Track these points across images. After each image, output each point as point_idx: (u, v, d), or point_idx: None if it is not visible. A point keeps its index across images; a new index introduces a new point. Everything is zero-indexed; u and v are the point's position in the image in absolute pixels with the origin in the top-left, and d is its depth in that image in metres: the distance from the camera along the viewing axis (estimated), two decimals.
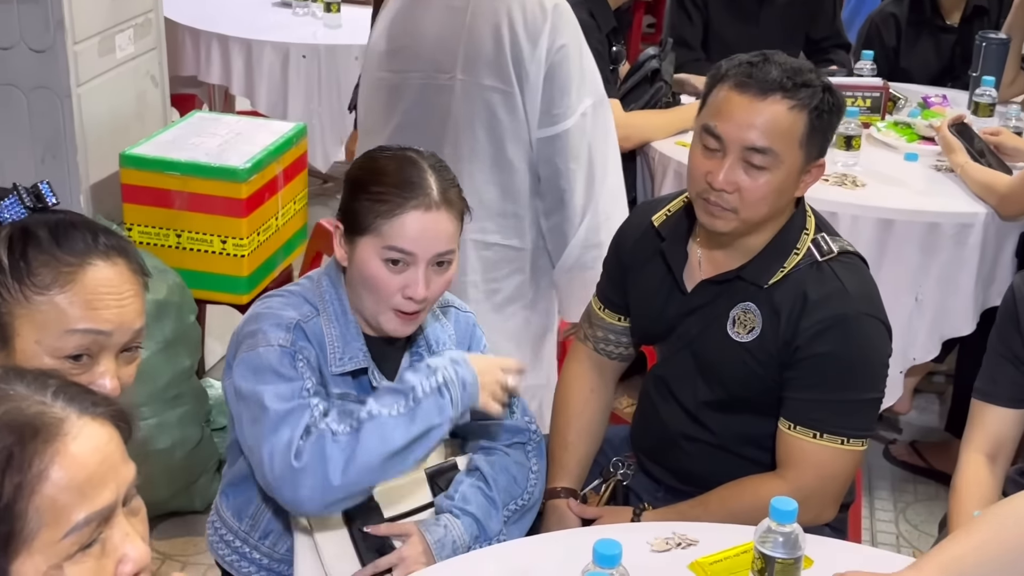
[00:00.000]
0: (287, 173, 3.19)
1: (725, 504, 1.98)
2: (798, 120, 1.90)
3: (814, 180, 1.99)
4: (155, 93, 3.33)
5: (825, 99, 1.92)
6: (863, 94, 3.42)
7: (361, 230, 1.81)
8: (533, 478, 2.01)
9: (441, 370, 1.79)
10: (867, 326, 1.95)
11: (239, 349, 1.83)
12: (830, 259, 1.97)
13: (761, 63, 1.92)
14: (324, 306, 1.88)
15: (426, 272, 1.80)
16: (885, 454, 3.46)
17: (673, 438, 2.10)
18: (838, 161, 3.13)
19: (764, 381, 1.98)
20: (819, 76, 1.95)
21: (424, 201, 1.79)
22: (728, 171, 1.90)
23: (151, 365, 2.84)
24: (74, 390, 1.12)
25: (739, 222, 1.94)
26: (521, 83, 2.46)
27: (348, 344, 1.86)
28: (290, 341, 1.81)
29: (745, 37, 3.43)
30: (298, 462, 1.71)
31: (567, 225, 2.57)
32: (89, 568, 1.08)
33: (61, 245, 1.38)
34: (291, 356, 1.80)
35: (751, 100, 1.89)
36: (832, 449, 1.93)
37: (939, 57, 3.95)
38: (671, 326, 2.09)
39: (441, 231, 1.81)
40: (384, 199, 1.79)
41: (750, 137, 1.89)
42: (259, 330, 1.82)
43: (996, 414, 2.03)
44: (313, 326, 1.85)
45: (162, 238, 3.03)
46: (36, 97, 2.91)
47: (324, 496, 1.72)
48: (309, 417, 1.75)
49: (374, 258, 1.80)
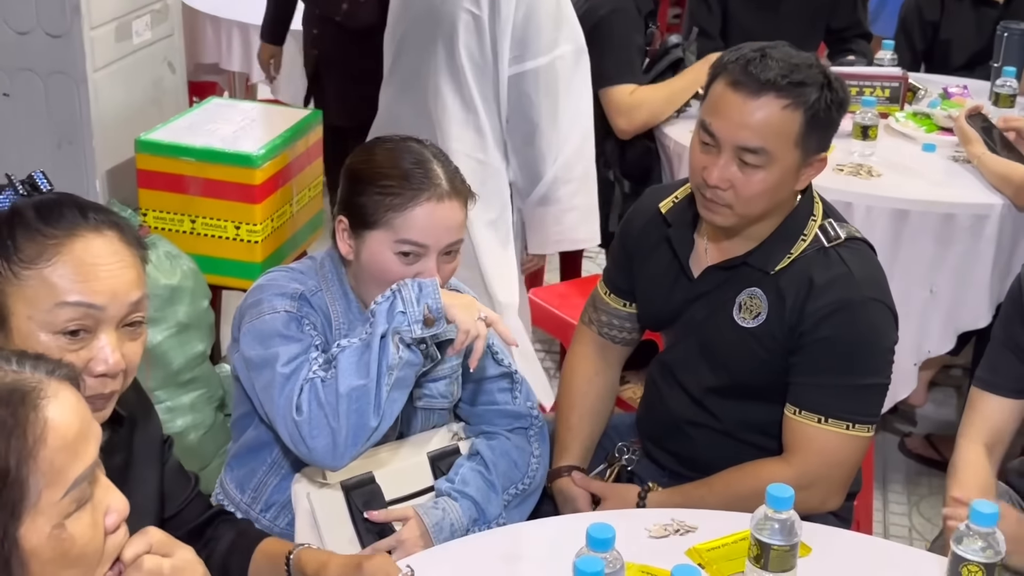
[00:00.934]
0: (302, 159, 3.20)
1: (730, 487, 1.97)
2: (793, 119, 1.88)
3: (816, 173, 1.97)
4: (173, 79, 3.35)
5: (823, 96, 1.89)
6: (882, 84, 3.39)
7: (370, 224, 1.81)
8: (535, 463, 2.01)
9: (399, 284, 1.76)
10: (873, 311, 1.93)
11: (244, 320, 1.84)
12: (837, 245, 1.96)
13: (758, 59, 1.89)
14: (327, 285, 1.89)
15: (437, 261, 1.81)
16: (900, 447, 3.44)
17: (678, 424, 2.10)
18: (854, 151, 3.11)
19: (770, 367, 1.97)
20: (820, 71, 1.91)
21: (436, 192, 1.80)
22: (722, 168, 1.90)
23: (164, 349, 2.86)
24: (32, 357, 1.15)
25: (736, 217, 1.94)
26: (493, 10, 2.63)
27: (352, 321, 1.87)
28: (296, 307, 1.82)
29: (764, 26, 3.41)
30: (300, 415, 1.72)
31: (539, 159, 2.69)
32: (86, 523, 1.13)
33: (47, 220, 1.38)
34: (297, 321, 1.81)
35: (744, 99, 1.87)
36: (837, 434, 1.92)
37: (980, 32, 3.91)
38: (677, 312, 2.09)
39: (452, 221, 1.82)
40: (394, 191, 1.79)
41: (742, 136, 1.88)
42: (263, 299, 1.83)
43: (996, 403, 2.01)
44: (318, 299, 1.86)
45: (177, 223, 3.05)
46: (53, 82, 2.93)
47: (334, 439, 1.71)
48: (307, 371, 1.75)
49: (386, 251, 1.80)
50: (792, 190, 1.96)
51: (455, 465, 1.95)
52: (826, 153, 1.96)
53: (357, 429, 1.71)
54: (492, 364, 2.01)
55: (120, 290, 1.40)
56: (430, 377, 1.94)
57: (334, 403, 1.70)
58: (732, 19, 3.83)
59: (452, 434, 2.02)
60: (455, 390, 1.99)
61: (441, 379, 1.95)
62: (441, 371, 1.95)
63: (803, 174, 1.95)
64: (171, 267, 2.88)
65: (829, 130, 1.95)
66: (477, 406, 2.02)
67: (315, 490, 1.87)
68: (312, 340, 1.80)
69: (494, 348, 2.01)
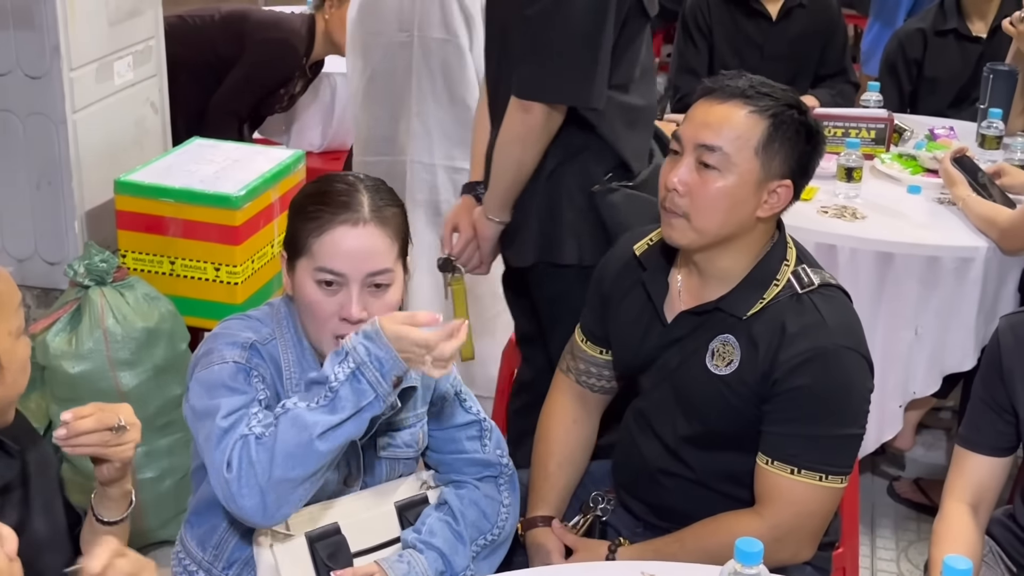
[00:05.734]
0: (284, 200, 3.18)
1: (701, 541, 1.94)
2: (755, 125, 1.89)
3: (781, 204, 1.94)
4: (155, 120, 3.33)
5: (789, 114, 1.91)
6: (867, 125, 3.38)
7: (297, 252, 1.80)
8: (504, 512, 1.97)
9: (352, 353, 1.68)
10: (847, 360, 1.90)
11: (195, 368, 1.81)
12: (810, 291, 1.94)
13: (735, 75, 1.96)
14: (281, 331, 1.86)
15: (360, 294, 1.77)
16: (889, 491, 3.39)
17: (652, 473, 2.07)
18: (839, 193, 3.09)
19: (742, 415, 1.94)
20: (794, 96, 1.94)
21: (351, 217, 1.76)
22: (681, 171, 1.91)
23: (141, 392, 2.83)
24: None
25: (693, 232, 1.92)
26: (471, 30, 3.17)
27: (304, 370, 1.83)
28: (245, 358, 1.79)
29: (747, 68, 3.40)
30: (230, 472, 1.68)
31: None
32: None
33: None
34: (246, 372, 1.78)
35: (711, 104, 1.92)
36: (810, 485, 1.88)
37: (965, 66, 3.90)
38: (651, 358, 2.06)
39: (371, 248, 1.76)
40: (314, 216, 1.77)
41: (703, 135, 1.90)
42: (214, 349, 1.81)
43: (978, 462, 1.97)
44: (271, 348, 1.83)
45: (156, 265, 3.02)
46: (32, 123, 2.92)
47: (263, 499, 1.67)
48: (244, 426, 1.72)
49: (309, 281, 1.78)
50: (752, 214, 1.92)
51: (422, 515, 1.91)
52: (789, 182, 1.93)
53: (287, 490, 1.68)
54: (460, 412, 1.98)
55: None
56: (395, 426, 1.90)
57: (266, 462, 1.66)
58: (717, 59, 3.84)
59: (421, 482, 1.98)
60: (421, 438, 1.95)
61: (406, 428, 1.92)
62: (406, 419, 1.91)
63: (765, 200, 1.92)
64: (149, 309, 2.86)
65: (795, 155, 1.92)
66: (445, 454, 1.98)
67: (278, 542, 1.83)
68: (256, 394, 1.77)
69: (462, 395, 1.98)
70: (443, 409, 1.97)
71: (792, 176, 1.93)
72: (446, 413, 1.97)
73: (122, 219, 3.01)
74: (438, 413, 1.97)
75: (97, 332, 2.77)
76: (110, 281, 2.82)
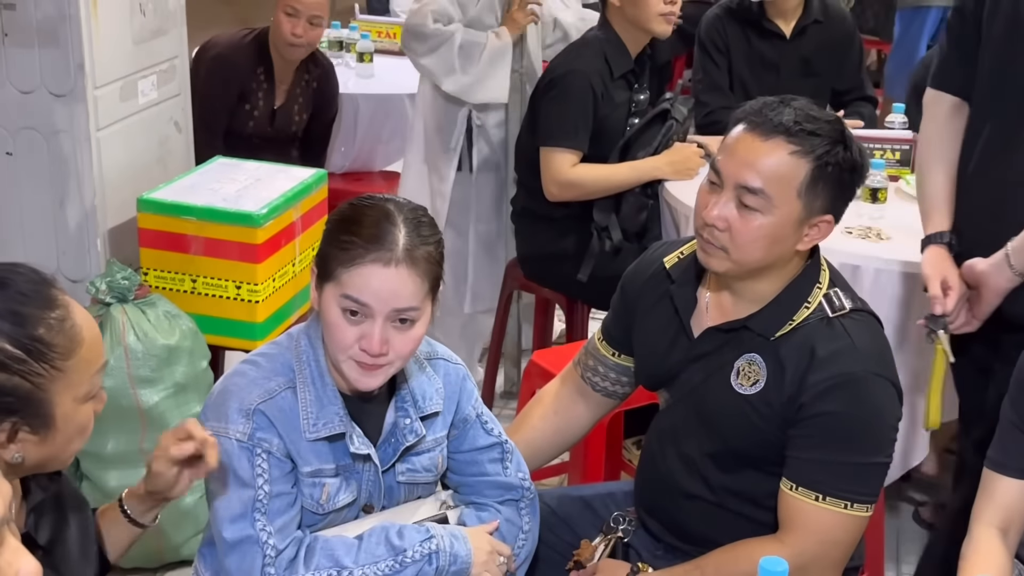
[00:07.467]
0: (305, 219, 3.18)
1: (721, 569, 1.91)
2: (799, 167, 1.85)
3: (821, 236, 1.92)
4: (179, 139, 3.34)
5: (835, 152, 1.86)
6: (892, 147, 3.36)
7: (326, 276, 1.76)
8: (523, 537, 1.95)
9: (437, 538, 1.80)
10: (876, 387, 1.88)
11: (206, 420, 1.79)
12: (841, 315, 1.91)
13: (777, 104, 1.89)
14: (300, 367, 1.81)
15: (383, 327, 1.74)
16: (915, 516, 3.35)
17: (672, 495, 2.04)
18: (864, 213, 3.07)
19: (764, 436, 1.92)
20: (839, 129, 1.89)
21: (384, 256, 1.72)
22: (721, 206, 1.88)
23: (161, 410, 2.83)
24: None
25: (731, 263, 1.90)
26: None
27: (323, 408, 1.80)
28: (248, 434, 1.76)
29: (765, 88, 3.38)
30: None
31: None
32: None
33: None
34: (249, 452, 1.75)
35: (754, 139, 1.86)
36: (835, 513, 1.86)
37: None
38: (675, 372, 2.04)
39: (400, 288, 1.73)
40: (347, 248, 1.73)
41: (744, 175, 1.85)
42: (225, 412, 1.78)
43: (1008, 485, 1.93)
44: (280, 401, 1.78)
45: (177, 283, 3.02)
46: (56, 141, 2.93)
47: None
48: (261, 558, 1.74)
49: (334, 306, 1.75)
50: (792, 248, 1.91)
51: None
52: (831, 216, 1.91)
53: None
54: (482, 434, 1.96)
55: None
56: (414, 451, 1.88)
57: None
58: (735, 77, 3.81)
59: (440, 503, 1.96)
60: (440, 462, 1.93)
61: (425, 452, 1.89)
62: (425, 444, 1.89)
63: (806, 234, 1.90)
64: (170, 327, 2.86)
65: (839, 191, 1.90)
66: (467, 476, 1.96)
67: None
68: (256, 491, 1.75)
69: (483, 417, 1.96)
70: (465, 432, 1.95)
71: (834, 211, 1.91)
72: (468, 435, 1.95)
73: (144, 237, 3.02)
74: (460, 436, 1.95)
75: (118, 349, 2.77)
76: (131, 298, 2.82)
